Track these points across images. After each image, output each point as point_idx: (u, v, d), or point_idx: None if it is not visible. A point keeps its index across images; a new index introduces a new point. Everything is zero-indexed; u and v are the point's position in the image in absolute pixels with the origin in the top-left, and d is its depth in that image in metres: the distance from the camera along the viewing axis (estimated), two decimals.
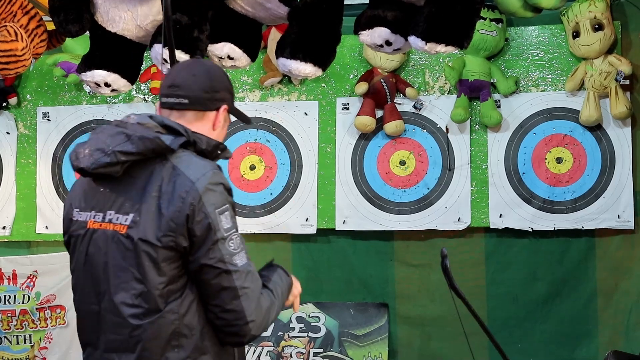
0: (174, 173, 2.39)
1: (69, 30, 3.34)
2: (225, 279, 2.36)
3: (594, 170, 4.71)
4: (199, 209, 2.34)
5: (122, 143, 2.40)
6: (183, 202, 2.34)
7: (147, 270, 2.37)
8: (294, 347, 4.93)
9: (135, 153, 2.39)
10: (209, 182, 2.37)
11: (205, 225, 2.34)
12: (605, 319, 4.70)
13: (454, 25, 2.97)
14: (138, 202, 2.40)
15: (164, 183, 2.39)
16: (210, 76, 2.54)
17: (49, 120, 5.27)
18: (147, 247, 2.37)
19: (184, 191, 2.35)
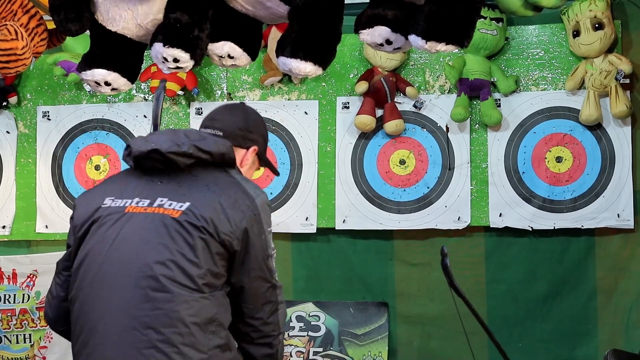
0: (236, 184, 2.62)
1: (69, 29, 3.33)
2: (271, 293, 2.60)
3: (593, 169, 4.71)
4: (258, 222, 2.57)
5: (200, 140, 2.63)
6: (244, 213, 2.55)
7: (199, 254, 2.49)
8: (293, 346, 4.94)
9: (208, 152, 2.61)
10: (264, 201, 2.63)
11: (262, 239, 2.57)
12: (605, 317, 4.70)
13: (454, 24, 2.97)
14: (198, 194, 2.57)
15: (228, 189, 2.59)
16: (246, 117, 2.86)
17: (49, 120, 5.27)
18: (204, 234, 2.50)
19: (245, 204, 2.56)
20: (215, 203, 2.53)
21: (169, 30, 3.26)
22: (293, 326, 4.96)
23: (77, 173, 5.24)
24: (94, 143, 5.22)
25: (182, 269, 2.48)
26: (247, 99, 5.07)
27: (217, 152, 2.62)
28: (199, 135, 2.68)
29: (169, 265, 2.49)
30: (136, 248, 2.53)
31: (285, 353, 4.92)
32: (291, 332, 4.95)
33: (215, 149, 2.62)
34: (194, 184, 2.59)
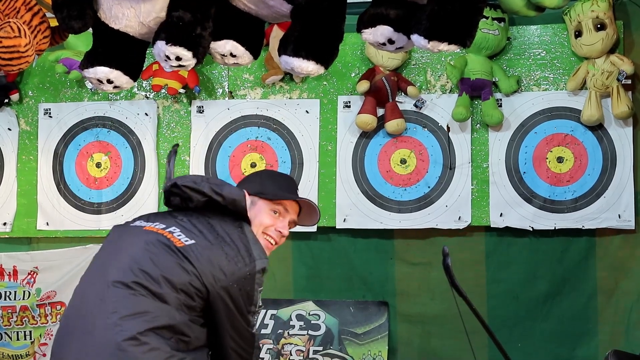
0: (244, 240, 2.77)
1: (72, 27, 3.33)
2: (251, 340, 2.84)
3: (594, 169, 4.71)
4: (250, 281, 2.72)
5: (217, 185, 2.87)
6: (240, 269, 2.71)
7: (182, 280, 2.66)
8: (293, 345, 4.94)
9: (220, 194, 2.81)
10: (263, 265, 2.76)
11: (251, 296, 2.73)
12: (606, 318, 4.70)
13: (456, 23, 2.97)
14: (206, 235, 2.75)
15: (234, 238, 2.75)
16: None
17: (50, 117, 5.27)
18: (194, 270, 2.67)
19: (244, 263, 2.71)
20: (219, 250, 2.71)
21: (172, 29, 3.26)
22: (293, 325, 4.96)
23: (78, 170, 5.24)
24: (95, 140, 5.22)
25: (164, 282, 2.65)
26: (249, 98, 5.07)
27: (229, 197, 2.80)
28: (219, 181, 2.91)
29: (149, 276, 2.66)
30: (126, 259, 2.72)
31: (285, 351, 4.93)
32: (291, 330, 4.95)
33: (228, 194, 2.82)
34: (207, 226, 2.77)
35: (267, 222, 2.97)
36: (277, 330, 4.96)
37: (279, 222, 3.01)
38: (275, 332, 4.95)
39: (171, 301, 2.62)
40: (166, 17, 3.30)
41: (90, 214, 5.18)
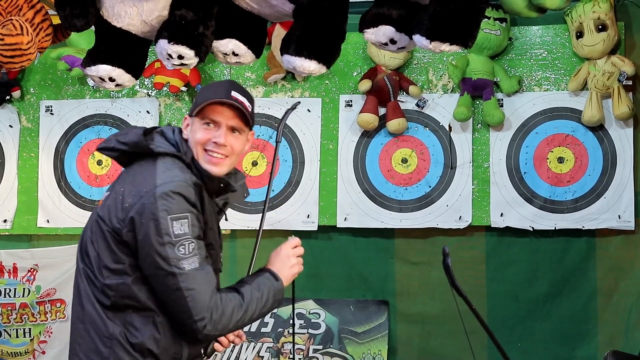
0: (150, 171, 2.59)
1: (74, 25, 3.34)
2: (171, 280, 2.51)
3: (595, 170, 4.71)
4: (151, 211, 2.50)
5: (124, 134, 2.71)
6: (138, 200, 2.53)
7: (99, 243, 2.59)
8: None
9: (124, 143, 2.67)
10: (169, 189, 2.52)
11: (153, 226, 2.50)
12: (605, 318, 4.71)
13: (458, 24, 2.97)
14: (116, 183, 2.67)
15: (138, 176, 2.60)
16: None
17: (51, 114, 5.28)
18: (102, 222, 2.60)
19: (144, 190, 2.54)
20: (119, 191, 2.59)
21: (174, 27, 3.26)
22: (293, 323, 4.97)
23: (79, 168, 5.24)
24: (96, 138, 5.23)
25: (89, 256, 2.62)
26: None
27: (131, 142, 2.65)
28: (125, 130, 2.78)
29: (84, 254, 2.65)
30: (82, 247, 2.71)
31: (285, 350, 4.93)
32: (291, 329, 4.95)
33: (129, 140, 2.66)
34: (125, 175, 2.68)
35: (199, 137, 2.65)
36: (277, 328, 4.96)
37: (215, 132, 2.66)
38: (275, 330, 4.96)
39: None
40: (169, 16, 3.31)
41: (91, 211, 5.15)
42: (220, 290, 2.59)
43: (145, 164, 2.62)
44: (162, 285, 2.52)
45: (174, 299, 2.51)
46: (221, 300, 2.55)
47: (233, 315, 2.57)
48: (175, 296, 2.51)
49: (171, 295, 2.51)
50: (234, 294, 2.60)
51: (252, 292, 2.63)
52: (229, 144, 2.68)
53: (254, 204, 5.01)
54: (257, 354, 4.95)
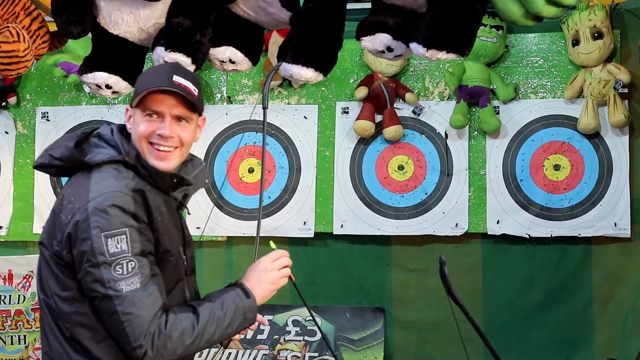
0: (84, 185, 2.37)
1: (71, 32, 3.34)
2: (107, 304, 2.31)
3: (591, 177, 4.72)
4: (83, 229, 2.31)
5: (58, 148, 2.46)
6: (71, 218, 2.34)
7: (47, 274, 2.44)
8: (289, 351, 4.94)
9: (58, 158, 2.45)
10: (102, 203, 2.31)
11: (87, 246, 2.30)
12: (601, 326, 4.71)
13: (455, 32, 2.98)
14: (55, 204, 2.48)
15: (72, 192, 2.40)
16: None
17: (48, 120, 5.27)
18: (43, 248, 2.47)
19: (77, 207, 2.34)
20: (56, 211, 2.41)
21: (171, 35, 3.27)
22: (289, 330, 4.96)
23: None
24: None
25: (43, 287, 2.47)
26: (247, 103, 5.07)
27: (64, 157, 2.43)
28: (56, 143, 2.49)
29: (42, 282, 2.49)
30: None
31: (281, 357, 4.93)
32: (287, 336, 4.95)
33: (61, 155, 2.43)
34: (62, 191, 2.48)
35: (142, 131, 2.43)
36: (273, 335, 4.95)
37: (159, 124, 2.44)
38: (271, 337, 4.95)
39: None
40: (166, 23, 3.31)
41: None
42: (170, 311, 2.37)
43: (80, 177, 2.41)
44: (100, 308, 2.32)
45: (111, 322, 2.32)
46: (166, 323, 2.33)
47: (182, 339, 2.34)
48: (112, 320, 2.31)
49: (108, 319, 2.32)
50: (188, 314, 2.38)
51: (212, 311, 2.41)
52: (175, 134, 2.46)
53: (250, 210, 5.01)
54: None
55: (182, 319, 2.36)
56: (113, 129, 2.51)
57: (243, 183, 5.05)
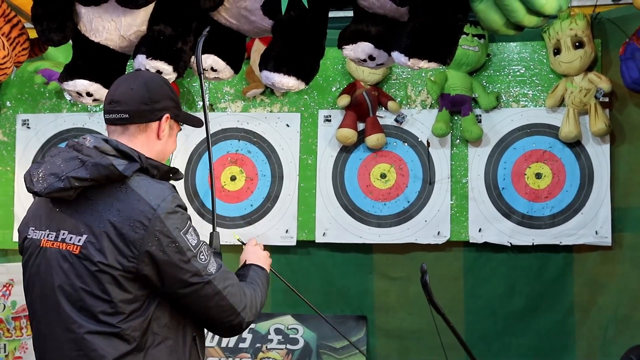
0: (134, 197, 2.45)
1: (52, 39, 3.33)
2: (209, 288, 2.48)
3: (572, 186, 4.74)
4: (165, 234, 2.42)
5: (77, 169, 2.44)
6: (146, 230, 2.41)
7: (107, 289, 2.43)
8: (271, 359, 4.92)
9: (88, 179, 2.43)
10: (169, 207, 2.44)
11: (174, 249, 2.43)
12: (583, 333, 4.72)
13: (437, 41, 2.99)
14: (93, 224, 2.45)
15: (123, 207, 2.44)
16: (148, 87, 2.59)
17: (28, 128, 5.24)
18: (103, 268, 2.42)
19: (147, 218, 2.41)
20: (110, 229, 2.42)
21: (152, 43, 3.26)
22: (271, 339, 4.95)
23: None
24: None
25: (90, 307, 2.45)
26: (229, 111, 5.06)
27: (99, 177, 2.43)
28: (78, 161, 2.45)
29: (80, 305, 2.46)
30: (52, 289, 2.51)
31: None
32: (269, 344, 4.94)
33: (97, 174, 2.43)
34: (89, 209, 2.46)
35: (174, 146, 2.77)
36: (255, 344, 4.94)
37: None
38: (253, 346, 4.94)
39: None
40: (147, 31, 3.31)
41: None
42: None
43: (115, 193, 2.45)
44: (200, 298, 2.48)
45: (215, 303, 2.50)
46: (242, 285, 2.61)
47: (256, 300, 2.64)
48: (215, 301, 2.50)
49: (211, 302, 2.49)
50: (246, 283, 2.66)
51: (254, 280, 2.72)
52: None
53: (232, 218, 5.00)
54: None
55: (243, 283, 2.64)
56: (108, 140, 2.54)
57: (225, 191, 5.03)
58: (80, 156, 2.46)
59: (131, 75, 2.70)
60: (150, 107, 2.58)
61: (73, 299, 2.47)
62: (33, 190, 2.50)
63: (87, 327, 2.45)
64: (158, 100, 2.59)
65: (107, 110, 2.60)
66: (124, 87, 2.59)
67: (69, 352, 2.48)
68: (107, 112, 2.60)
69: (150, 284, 2.45)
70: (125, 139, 2.56)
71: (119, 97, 2.57)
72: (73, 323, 2.46)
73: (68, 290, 2.47)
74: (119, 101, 2.56)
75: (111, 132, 2.60)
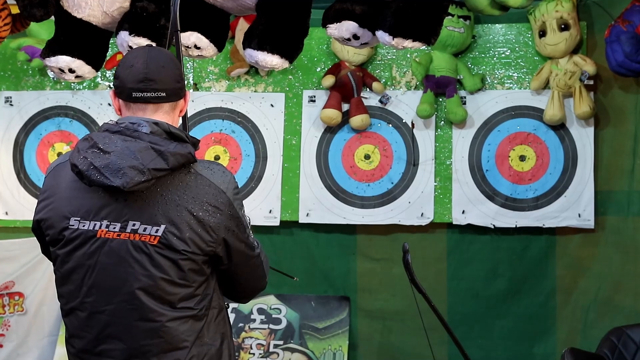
0: (203, 182, 2.48)
1: (34, 14, 3.29)
2: (258, 260, 2.65)
3: (556, 169, 4.75)
4: (236, 216, 2.52)
5: (155, 159, 2.39)
6: (222, 214, 2.48)
7: (188, 276, 2.48)
8: (254, 339, 4.93)
9: (168, 169, 2.41)
10: (234, 188, 2.55)
11: (242, 228, 2.55)
12: (564, 316, 4.75)
13: (421, 21, 2.98)
14: (171, 213, 2.44)
15: (196, 193, 2.46)
16: (175, 65, 2.58)
17: (11, 105, 5.20)
18: (187, 256, 2.45)
19: (221, 203, 2.48)
20: (189, 217, 2.43)
21: (135, 19, 3.23)
22: (254, 318, 4.95)
23: (39, 160, 5.18)
24: (57, 130, 5.16)
25: (169, 295, 2.47)
26: (214, 90, 5.04)
27: (178, 165, 2.43)
28: (153, 151, 2.40)
29: (158, 295, 2.46)
30: (124, 281, 2.46)
31: (246, 345, 4.92)
32: (252, 324, 4.94)
33: (176, 164, 2.42)
34: (161, 199, 2.44)
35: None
36: (238, 323, 4.94)
37: None
38: (236, 325, 4.94)
39: None
40: (130, 7, 3.28)
41: None
42: None
43: (185, 179, 2.46)
44: (252, 268, 2.64)
45: (259, 272, 2.68)
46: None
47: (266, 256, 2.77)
48: (259, 270, 2.67)
49: (257, 272, 2.67)
50: None
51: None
52: None
53: None
54: None
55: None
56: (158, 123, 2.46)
57: None
58: (155, 147, 2.40)
59: (153, 51, 2.57)
60: (181, 84, 2.58)
61: (151, 289, 2.45)
62: (111, 185, 2.37)
63: (167, 315, 2.46)
64: (183, 78, 2.61)
65: (140, 88, 2.49)
66: (155, 64, 2.50)
67: (146, 341, 2.47)
68: (139, 90, 2.49)
69: (220, 261, 2.55)
70: (159, 117, 2.51)
71: (153, 75, 2.49)
72: (152, 312, 2.46)
73: (145, 281, 2.44)
74: (154, 79, 2.49)
75: (139, 109, 2.52)
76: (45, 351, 5.07)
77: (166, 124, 2.47)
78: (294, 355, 4.89)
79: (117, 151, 2.39)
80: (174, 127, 2.49)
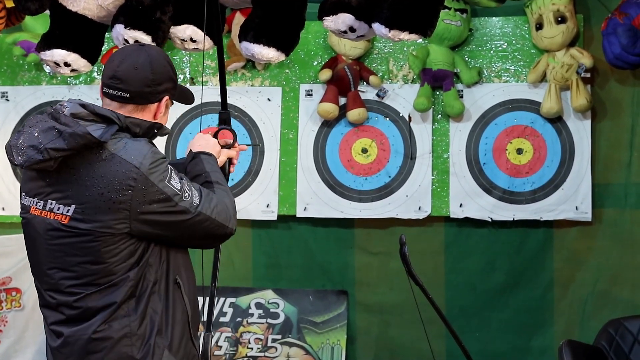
0: (115, 161, 2.44)
1: (28, 8, 3.28)
2: (199, 218, 2.52)
3: (553, 161, 4.75)
4: (152, 189, 2.44)
5: (54, 139, 2.42)
6: (133, 190, 2.43)
7: (102, 255, 2.46)
8: (252, 333, 4.93)
9: (67, 149, 2.42)
10: (151, 162, 2.45)
11: (163, 199, 2.46)
12: (561, 309, 4.76)
13: (417, 13, 2.97)
14: (80, 193, 2.46)
15: (106, 172, 2.44)
16: (152, 68, 2.55)
17: (7, 100, 5.19)
18: (98, 235, 2.45)
19: (132, 179, 2.43)
20: (97, 197, 2.43)
21: (131, 12, 3.23)
22: (252, 313, 4.95)
23: None
24: None
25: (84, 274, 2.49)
26: (210, 84, 5.03)
27: (77, 146, 2.42)
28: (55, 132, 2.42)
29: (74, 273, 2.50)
30: (40, 257, 2.55)
31: (244, 339, 4.92)
32: (250, 319, 4.94)
33: (74, 144, 2.41)
34: (73, 178, 2.46)
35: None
36: (236, 318, 4.94)
37: None
38: (234, 320, 4.94)
39: None
40: (125, 1, 3.26)
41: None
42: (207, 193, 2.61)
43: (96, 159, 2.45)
44: (193, 228, 2.52)
45: (207, 227, 2.54)
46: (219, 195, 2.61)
47: (231, 200, 2.65)
48: (206, 225, 2.53)
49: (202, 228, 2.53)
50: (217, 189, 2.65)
51: (216, 176, 2.70)
52: None
53: None
54: (216, 344, 4.92)
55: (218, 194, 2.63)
56: (85, 104, 2.49)
57: None
58: (57, 126, 2.43)
59: (135, 51, 2.58)
60: (153, 89, 2.55)
61: (65, 266, 2.50)
62: (14, 163, 2.48)
63: (82, 292, 2.49)
64: (160, 83, 2.57)
65: (108, 84, 2.54)
66: (128, 64, 2.52)
67: (68, 313, 2.53)
68: (107, 86, 2.54)
69: (146, 236, 2.49)
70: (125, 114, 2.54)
71: (122, 74, 2.51)
72: (67, 288, 2.51)
73: (59, 257, 2.50)
74: (121, 79, 2.51)
75: (107, 105, 2.57)
76: (42, 347, 5.05)
77: (93, 105, 2.48)
78: (292, 350, 4.89)
79: (26, 131, 2.47)
80: (104, 109, 2.48)
